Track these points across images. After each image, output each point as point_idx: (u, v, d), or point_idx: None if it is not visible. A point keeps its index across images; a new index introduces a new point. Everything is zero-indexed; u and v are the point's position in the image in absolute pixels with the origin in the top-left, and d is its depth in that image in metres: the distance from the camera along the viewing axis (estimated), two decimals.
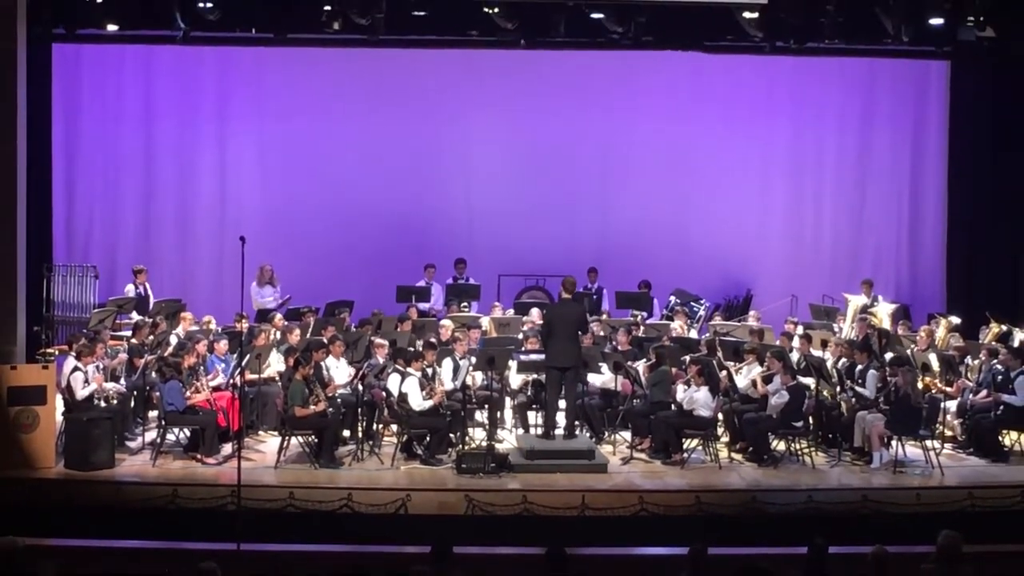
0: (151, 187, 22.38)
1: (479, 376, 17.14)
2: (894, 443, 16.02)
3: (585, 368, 16.99)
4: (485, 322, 19.14)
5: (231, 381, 16.60)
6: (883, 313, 19.98)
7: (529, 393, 17.27)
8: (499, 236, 22.34)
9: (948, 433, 17.20)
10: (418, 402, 15.90)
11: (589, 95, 22.49)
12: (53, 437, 15.60)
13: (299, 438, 15.97)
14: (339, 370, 16.79)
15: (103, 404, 16.20)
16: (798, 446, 16.50)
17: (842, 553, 11.61)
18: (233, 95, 22.54)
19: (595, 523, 14.42)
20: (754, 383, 16.77)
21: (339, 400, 16.40)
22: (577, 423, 16.56)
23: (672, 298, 20.91)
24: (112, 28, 19.25)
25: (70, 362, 16.00)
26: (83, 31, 19.72)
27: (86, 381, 15.78)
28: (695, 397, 16.15)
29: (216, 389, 16.48)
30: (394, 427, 16.56)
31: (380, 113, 22.35)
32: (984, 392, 16.79)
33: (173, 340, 17.70)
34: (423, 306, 20.39)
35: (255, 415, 17.18)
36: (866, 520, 14.52)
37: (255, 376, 16.94)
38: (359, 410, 16.61)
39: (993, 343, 18.14)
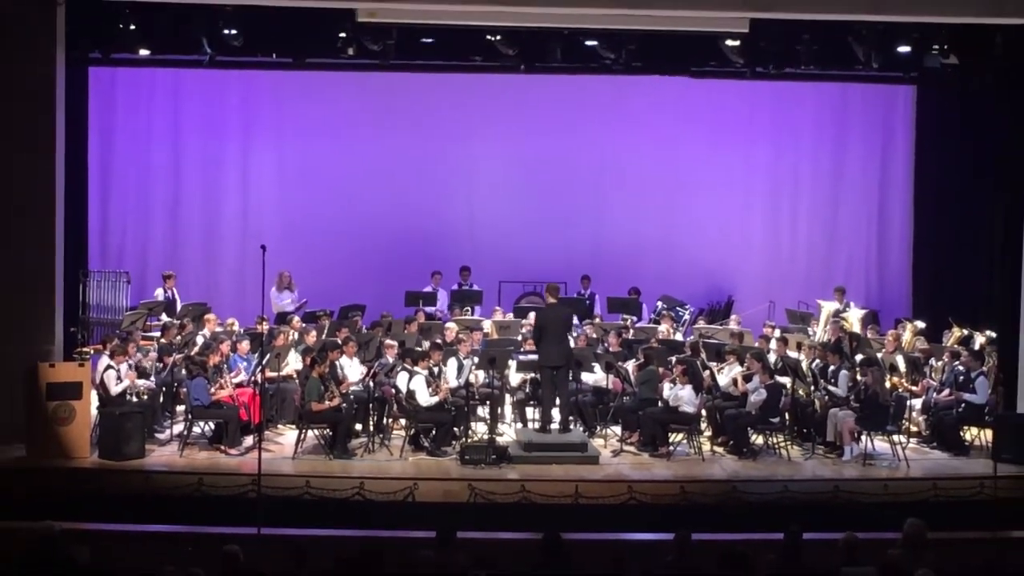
0: (179, 199, 22.37)
1: (481, 374, 17.15)
2: (864, 438, 16.07)
3: (579, 367, 17.03)
4: (487, 325, 19.14)
5: (252, 378, 16.62)
6: (854, 318, 19.96)
7: (527, 390, 17.29)
8: (500, 246, 22.31)
9: (914, 429, 17.22)
10: (425, 398, 15.92)
11: (584, 116, 22.49)
12: (88, 429, 15.64)
13: (315, 431, 16.01)
14: (352, 368, 16.81)
15: (135, 399, 16.22)
16: (775, 440, 16.51)
17: (815, 539, 11.57)
18: (255, 115, 22.54)
19: (588, 511, 14.44)
20: (735, 382, 16.80)
21: (352, 396, 16.42)
22: (571, 418, 16.58)
23: (659, 303, 20.90)
24: (144, 53, 19.20)
25: (104, 360, 16.06)
26: (117, 55, 19.65)
27: (119, 378, 15.83)
28: (680, 395, 16.16)
29: (239, 386, 16.50)
30: (403, 421, 16.61)
31: (390, 132, 22.33)
32: (947, 391, 16.83)
33: (199, 340, 17.70)
34: (429, 310, 20.37)
35: (274, 410, 17.17)
36: (838, 509, 14.55)
37: (274, 374, 16.94)
38: (370, 405, 16.64)
39: (955, 346, 18.17)
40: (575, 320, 18.70)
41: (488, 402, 17.07)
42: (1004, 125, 19.17)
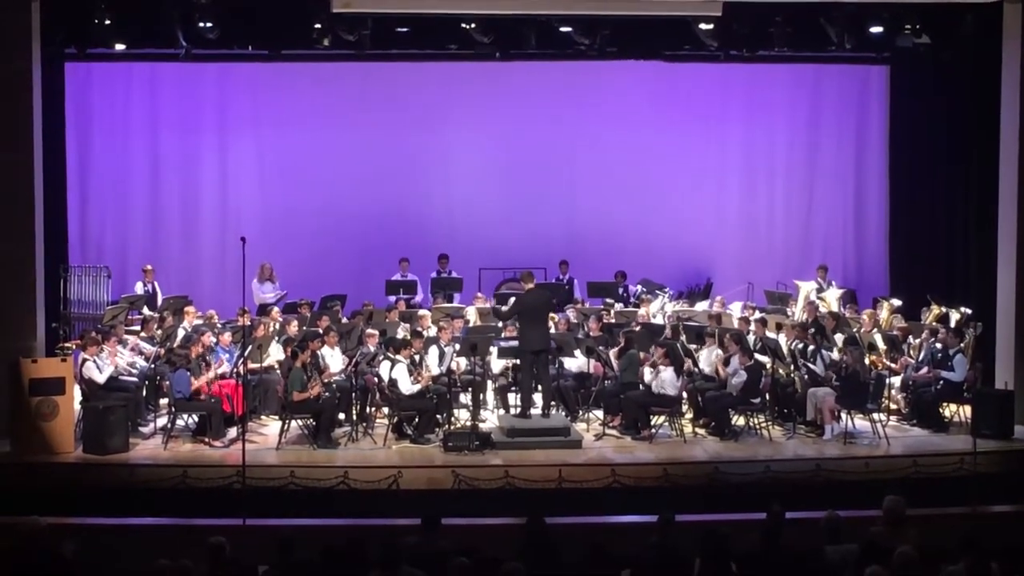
0: (158, 193, 22.25)
1: (463, 361, 17.13)
2: (844, 416, 16.08)
3: (560, 353, 17.02)
4: (471, 312, 19.08)
5: (235, 370, 16.56)
6: (831, 298, 20.00)
7: (509, 376, 17.26)
8: (478, 233, 22.24)
9: (893, 407, 17.27)
10: (407, 386, 15.89)
11: (559, 102, 22.46)
12: (72, 424, 15.58)
13: (298, 421, 15.98)
14: (334, 358, 16.77)
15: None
16: (756, 421, 16.55)
17: (798, 518, 11.61)
18: (232, 107, 22.43)
19: (571, 494, 14.41)
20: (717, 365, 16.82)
21: (334, 386, 16.37)
22: (553, 403, 16.59)
23: (639, 287, 20.90)
24: (120, 47, 19.15)
25: (81, 356, 15.99)
26: (93, 50, 19.57)
27: (99, 368, 15.80)
28: (661, 377, 16.16)
29: (221, 377, 16.41)
30: (385, 410, 16.60)
31: (367, 121, 22.25)
32: (925, 369, 16.88)
33: (180, 333, 17.64)
34: (410, 298, 20.34)
35: (257, 401, 17.14)
36: (819, 487, 14.55)
37: (257, 365, 16.93)
38: (353, 395, 16.60)
39: (933, 324, 18.19)
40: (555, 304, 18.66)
41: (470, 389, 17.05)
42: (976, 103, 19.21)
